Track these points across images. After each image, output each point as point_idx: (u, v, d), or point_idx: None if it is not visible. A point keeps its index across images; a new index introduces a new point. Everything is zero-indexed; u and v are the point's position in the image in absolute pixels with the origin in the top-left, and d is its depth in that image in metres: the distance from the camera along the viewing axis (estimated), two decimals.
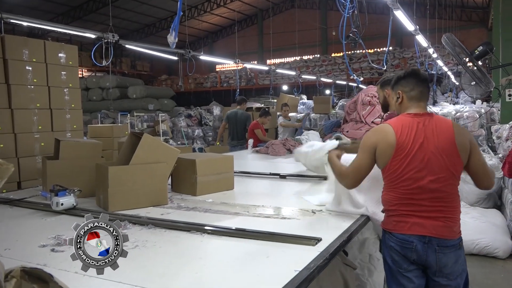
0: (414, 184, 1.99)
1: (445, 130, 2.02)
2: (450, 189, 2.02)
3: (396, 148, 2.01)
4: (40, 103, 4.13)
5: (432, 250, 1.98)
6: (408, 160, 1.99)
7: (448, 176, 2.00)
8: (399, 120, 2.10)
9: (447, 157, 1.99)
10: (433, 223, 1.98)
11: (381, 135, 2.07)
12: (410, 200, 2.01)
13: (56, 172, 2.88)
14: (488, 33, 17.89)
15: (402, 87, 2.17)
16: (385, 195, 2.12)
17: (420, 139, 2.00)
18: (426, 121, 2.05)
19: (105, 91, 15.37)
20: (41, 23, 6.15)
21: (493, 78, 8.41)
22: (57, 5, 18.93)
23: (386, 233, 2.10)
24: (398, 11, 5.74)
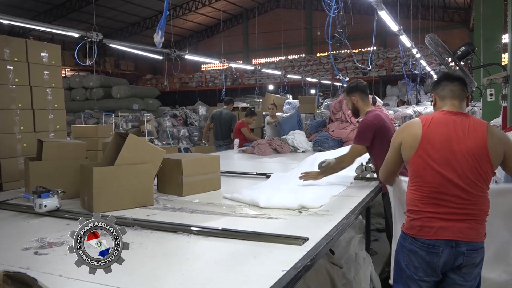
0: (439, 180, 1.95)
1: (479, 132, 1.97)
2: (478, 191, 1.96)
3: (421, 139, 1.99)
4: (22, 103, 4.05)
5: (460, 253, 1.93)
6: (434, 153, 1.96)
7: (476, 178, 1.94)
8: (430, 115, 2.11)
9: (476, 159, 1.94)
10: (459, 226, 1.92)
11: (407, 128, 2.11)
12: (435, 199, 1.96)
13: (39, 174, 2.83)
14: (470, 34, 18.21)
15: (435, 89, 2.21)
16: (409, 194, 2.07)
17: (449, 135, 1.97)
18: (459, 120, 2.01)
19: (89, 91, 15.17)
20: (23, 22, 6.03)
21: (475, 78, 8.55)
22: (39, 3, 18.61)
23: (408, 237, 2.03)
24: (383, 11, 5.80)
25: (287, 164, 4.65)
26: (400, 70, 16.30)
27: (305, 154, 5.30)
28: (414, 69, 13.56)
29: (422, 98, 15.44)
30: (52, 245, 1.88)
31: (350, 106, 3.35)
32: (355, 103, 3.27)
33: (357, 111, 3.30)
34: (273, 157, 5.35)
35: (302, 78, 15.38)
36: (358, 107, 3.27)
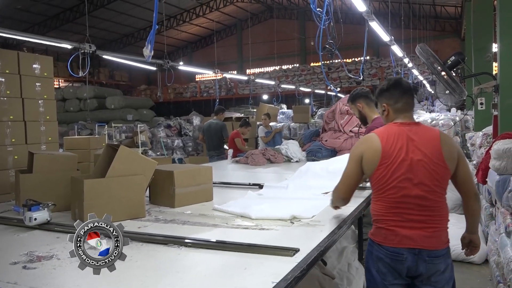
0: (400, 192, 2.02)
1: (432, 139, 2.05)
2: (437, 198, 2.05)
3: (381, 156, 2.04)
4: (13, 115, 4.03)
5: (422, 261, 2.01)
6: (394, 168, 2.02)
7: (434, 184, 2.02)
8: (385, 129, 2.14)
9: (433, 166, 2.02)
10: (421, 234, 2.00)
11: (367, 144, 2.12)
12: (398, 209, 2.03)
13: (30, 186, 2.80)
14: (461, 43, 18.42)
15: (387, 99, 2.20)
16: (373, 204, 2.15)
17: (405, 148, 2.03)
18: (413, 130, 2.08)
19: (83, 102, 15.14)
20: (16, 34, 6.04)
21: (467, 87, 8.66)
22: (33, 15, 18.64)
23: (375, 244, 2.10)
24: (374, 22, 5.86)
25: (281, 174, 4.65)
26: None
27: (298, 164, 5.30)
28: (407, 78, 13.67)
29: (415, 107, 15.54)
30: (41, 259, 1.86)
31: (357, 114, 3.35)
32: (361, 109, 3.27)
33: (364, 119, 3.29)
34: (267, 167, 5.34)
35: (296, 87, 15.47)
36: (365, 113, 3.27)
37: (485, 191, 4.68)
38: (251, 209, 2.57)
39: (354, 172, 2.16)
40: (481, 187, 5.06)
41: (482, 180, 4.31)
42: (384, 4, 18.26)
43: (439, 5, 19.03)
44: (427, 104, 16.22)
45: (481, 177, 4.30)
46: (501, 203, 3.50)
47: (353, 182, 2.20)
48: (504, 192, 3.39)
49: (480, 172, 4.37)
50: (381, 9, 18.36)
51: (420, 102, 16.96)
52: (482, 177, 4.26)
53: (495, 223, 4.14)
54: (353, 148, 2.20)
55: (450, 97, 5.74)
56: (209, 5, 22.42)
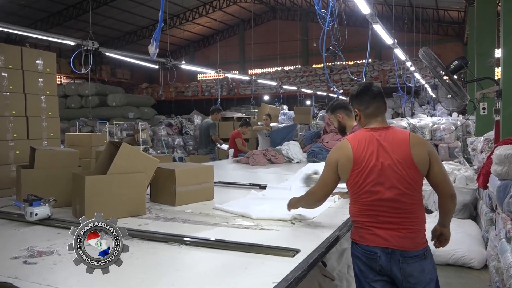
0: (373, 196, 2.07)
1: (401, 143, 2.08)
2: (410, 200, 2.07)
3: (353, 163, 2.09)
4: (15, 110, 4.03)
5: (395, 261, 2.05)
6: (366, 174, 2.07)
7: (406, 187, 2.06)
8: (356, 135, 2.20)
9: (404, 169, 2.05)
10: (394, 234, 2.05)
11: (341, 151, 2.16)
12: (371, 211, 2.08)
13: (31, 181, 2.81)
14: (464, 47, 18.40)
15: (358, 105, 2.25)
16: (350, 207, 2.21)
17: (375, 153, 2.08)
18: (383, 135, 2.12)
19: (84, 99, 15.14)
20: (19, 29, 6.03)
21: (469, 91, 8.64)
22: (36, 11, 18.63)
23: (354, 243, 2.18)
24: (377, 25, 5.86)
25: (282, 174, 4.65)
26: (395, 83, 16.42)
27: (299, 165, 5.30)
28: (409, 81, 13.67)
29: (416, 111, 15.56)
30: (42, 254, 1.86)
31: (336, 124, 3.46)
32: (341, 120, 3.37)
33: (343, 128, 3.39)
34: (267, 167, 5.34)
35: (298, 89, 15.45)
36: (344, 123, 3.38)
37: (485, 196, 4.68)
38: (252, 209, 2.58)
39: (331, 178, 2.20)
40: (481, 192, 5.06)
41: (483, 185, 4.30)
42: (388, 7, 18.26)
43: (442, 9, 19.02)
44: (428, 108, 16.21)
45: (482, 182, 4.30)
46: (502, 208, 3.50)
47: (329, 187, 2.23)
48: (505, 197, 3.39)
49: (481, 177, 4.36)
50: (384, 12, 18.36)
51: (421, 106, 16.97)
52: (483, 182, 4.26)
53: (495, 229, 4.14)
54: (329, 154, 2.24)
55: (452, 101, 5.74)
56: (212, 4, 22.42)
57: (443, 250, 4.38)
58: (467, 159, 7.80)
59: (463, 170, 5.88)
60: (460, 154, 8.29)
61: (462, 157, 8.07)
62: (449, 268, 4.52)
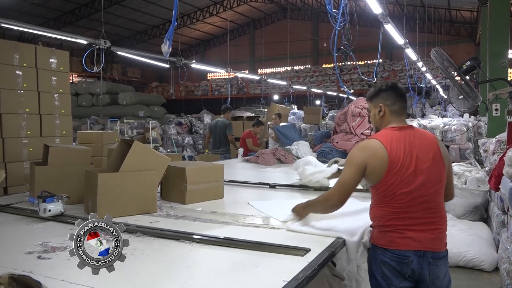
0: (408, 197, 2.00)
1: (431, 143, 2.09)
2: (439, 198, 2.08)
3: (389, 164, 1.99)
4: (29, 108, 4.09)
5: (427, 263, 2.01)
6: (402, 175, 1.99)
7: (439, 186, 2.06)
8: (386, 134, 2.08)
9: (437, 168, 2.05)
10: (426, 236, 2.00)
11: (371, 151, 2.03)
12: (405, 213, 2.01)
13: (44, 178, 2.85)
14: (476, 48, 18.23)
15: (384, 100, 2.17)
16: (377, 210, 2.08)
17: (410, 151, 2.02)
18: (411, 134, 2.09)
19: (95, 97, 15.27)
20: (32, 28, 6.11)
21: (481, 92, 8.56)
22: (49, 10, 18.84)
23: (379, 248, 2.06)
24: (388, 25, 5.83)
25: (291, 174, 4.65)
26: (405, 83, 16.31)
27: None
28: (420, 82, 13.57)
29: (427, 111, 15.43)
30: (55, 250, 1.89)
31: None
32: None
33: None
34: (277, 167, 5.35)
35: (308, 88, 15.42)
36: None
37: (497, 198, 4.63)
38: None
39: (354, 179, 2.06)
40: (493, 194, 5.00)
41: (495, 187, 4.26)
42: (399, 7, 18.15)
43: (455, 9, 18.85)
44: (439, 109, 16.09)
45: (494, 183, 4.26)
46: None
47: (350, 190, 2.08)
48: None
49: (493, 179, 4.32)
50: (395, 12, 18.25)
51: (432, 107, 16.84)
52: (495, 184, 4.22)
53: (506, 231, 4.10)
54: (353, 155, 2.08)
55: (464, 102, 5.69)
56: (223, 4, 22.47)
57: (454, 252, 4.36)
58: (478, 160, 7.73)
59: (474, 171, 5.82)
60: (471, 155, 8.21)
61: (473, 158, 7.99)
62: (459, 270, 4.49)
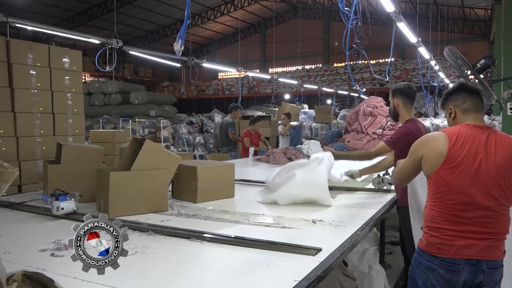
0: (462, 199, 1.87)
1: (507, 149, 1.90)
2: (502, 210, 1.90)
3: (447, 156, 1.89)
4: (43, 107, 4.14)
5: (481, 271, 1.87)
6: (459, 171, 1.87)
7: (501, 197, 1.88)
8: (455, 128, 1.97)
9: (502, 176, 1.87)
10: (481, 244, 1.86)
11: (432, 142, 1.96)
12: (456, 217, 1.88)
13: (57, 177, 2.88)
14: (490, 46, 17.97)
15: (453, 101, 2.07)
16: (428, 209, 1.98)
17: (476, 152, 1.88)
18: (486, 135, 1.92)
19: (107, 97, 15.41)
20: (46, 28, 6.19)
21: (495, 91, 8.41)
22: (62, 10, 19.06)
23: (426, 254, 1.95)
24: (401, 23, 5.78)
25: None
26: (418, 82, 16.14)
27: None
28: (432, 81, 13.43)
29: (440, 111, 15.26)
30: (68, 248, 1.91)
31: (391, 107, 3.29)
32: (396, 106, 3.22)
33: (396, 115, 3.25)
34: None
35: (319, 88, 15.37)
36: (398, 110, 3.23)
37: None
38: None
39: (410, 169, 2.09)
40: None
41: None
42: (412, 5, 17.96)
43: (468, 7, 18.61)
44: None
45: None
46: None
47: (408, 176, 2.17)
48: None
49: None
50: (407, 10, 18.07)
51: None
52: None
53: None
54: (416, 145, 2.05)
55: None
56: (234, 3, 22.50)
57: None
58: None
59: None
60: None
61: None
62: None
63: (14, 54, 3.90)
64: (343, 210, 2.80)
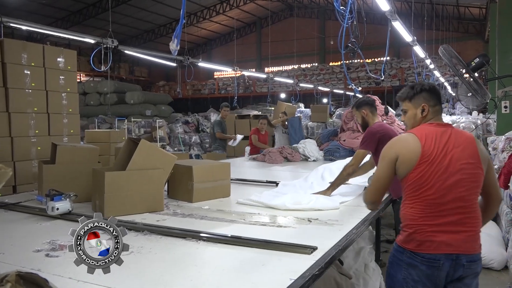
0: (441, 192, 1.95)
1: (469, 142, 2.02)
2: (474, 199, 2.01)
3: (421, 154, 1.97)
4: (37, 107, 4.12)
5: (460, 265, 1.94)
6: (435, 167, 1.95)
7: (473, 186, 1.99)
8: (421, 129, 2.07)
9: (473, 166, 1.99)
10: (458, 238, 1.94)
11: (403, 144, 2.04)
12: (435, 212, 1.95)
13: (52, 177, 2.87)
14: (485, 45, 18.04)
15: (427, 100, 2.14)
16: (407, 209, 2.03)
17: (445, 147, 1.98)
18: (449, 131, 2.05)
19: (103, 96, 15.35)
20: (40, 28, 6.15)
21: (490, 89, 8.47)
22: (57, 10, 18.97)
23: (407, 251, 2.00)
24: (396, 22, 5.79)
25: (298, 172, 4.65)
26: (413, 81, 16.22)
27: (316, 163, 5.29)
28: (428, 79, 13.47)
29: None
30: (63, 248, 1.90)
31: (360, 120, 3.51)
32: (365, 116, 3.42)
33: (366, 125, 3.44)
34: (283, 165, 5.34)
35: (314, 87, 15.37)
36: (367, 120, 3.43)
37: (506, 196, 4.59)
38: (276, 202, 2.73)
39: (386, 174, 2.07)
40: (502, 192, 4.96)
41: (504, 185, 4.23)
42: (407, 4, 18.01)
43: (463, 6, 18.67)
44: (447, 107, 15.96)
45: (503, 182, 4.22)
46: None
47: (383, 185, 2.11)
48: None
49: (502, 177, 4.28)
50: (403, 9, 18.12)
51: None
52: (504, 182, 4.18)
53: None
54: (386, 149, 2.10)
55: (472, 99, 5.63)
56: (229, 2, 22.47)
57: None
58: None
59: None
60: None
61: None
62: None
63: (8, 53, 3.88)
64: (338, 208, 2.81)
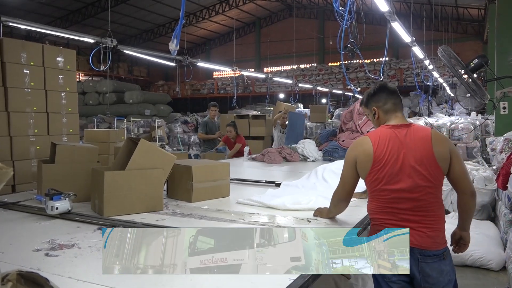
0: (392, 194, 2.06)
1: (423, 140, 2.07)
2: (430, 198, 2.06)
3: (373, 159, 2.08)
4: (36, 107, 4.12)
5: (414, 259, 2.01)
6: (386, 171, 2.06)
7: (427, 185, 2.04)
8: (377, 132, 2.19)
9: (425, 166, 2.04)
10: (413, 233, 1.99)
11: (360, 147, 2.15)
12: (391, 209, 2.07)
13: (52, 176, 2.87)
14: (483, 46, 18.08)
15: (375, 103, 2.25)
16: (369, 204, 2.19)
17: (397, 150, 2.06)
18: (404, 132, 2.11)
19: (102, 96, 15.35)
20: (39, 27, 6.15)
21: (488, 90, 8.48)
22: (56, 9, 18.95)
23: None
24: (395, 22, 5.80)
25: (297, 172, 4.65)
26: (412, 81, 16.24)
27: (315, 163, 5.29)
28: (427, 80, 13.49)
29: (434, 110, 15.35)
30: (63, 247, 1.91)
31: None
32: None
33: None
34: (282, 165, 5.34)
35: (313, 87, 15.39)
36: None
37: (505, 197, 4.60)
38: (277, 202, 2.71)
39: (350, 175, 2.20)
40: (500, 192, 4.97)
41: (503, 186, 4.23)
42: (406, 5, 18.04)
43: (462, 6, 18.71)
44: (446, 107, 15.99)
45: (502, 182, 4.23)
46: None
47: (350, 185, 2.23)
48: None
49: (500, 178, 4.29)
50: (402, 10, 18.15)
51: (439, 105, 16.74)
52: (503, 183, 4.19)
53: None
54: (348, 151, 2.23)
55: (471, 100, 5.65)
56: (229, 2, 22.48)
57: None
58: (485, 159, 7.68)
59: (482, 170, 5.79)
60: (478, 154, 8.17)
61: (481, 157, 7.94)
62: (466, 269, 4.46)
63: (7, 53, 3.88)
64: None
